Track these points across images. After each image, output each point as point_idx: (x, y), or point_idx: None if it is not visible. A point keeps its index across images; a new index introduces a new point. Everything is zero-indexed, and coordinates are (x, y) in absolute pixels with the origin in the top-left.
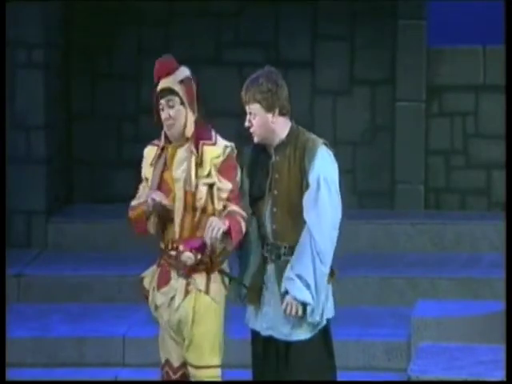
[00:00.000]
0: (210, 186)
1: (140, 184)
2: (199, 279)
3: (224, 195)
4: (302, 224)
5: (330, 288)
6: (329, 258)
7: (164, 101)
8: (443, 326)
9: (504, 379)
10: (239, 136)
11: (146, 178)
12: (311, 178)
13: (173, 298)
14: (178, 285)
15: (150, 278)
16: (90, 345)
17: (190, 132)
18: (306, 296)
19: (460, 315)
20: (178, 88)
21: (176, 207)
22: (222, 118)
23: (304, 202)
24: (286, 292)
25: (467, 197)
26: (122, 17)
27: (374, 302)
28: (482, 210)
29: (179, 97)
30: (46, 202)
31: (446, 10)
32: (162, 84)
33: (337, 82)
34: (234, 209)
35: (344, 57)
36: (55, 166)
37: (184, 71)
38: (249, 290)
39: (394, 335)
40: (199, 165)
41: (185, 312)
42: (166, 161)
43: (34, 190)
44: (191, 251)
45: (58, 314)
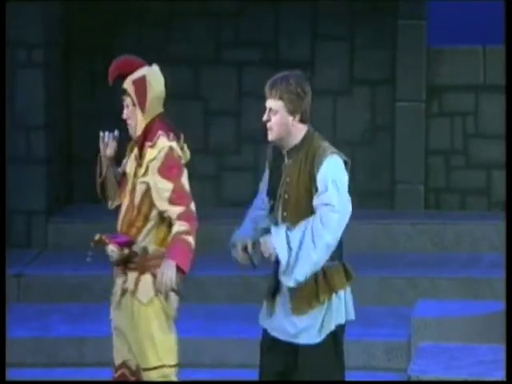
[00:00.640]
0: (148, 188)
1: None
2: (130, 278)
3: (166, 195)
4: None
5: (343, 294)
6: (322, 246)
7: (122, 101)
8: (443, 326)
9: (504, 379)
10: (238, 135)
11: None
12: (319, 182)
13: (115, 294)
14: (118, 281)
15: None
16: (90, 345)
17: (138, 132)
18: (282, 251)
19: (460, 315)
20: (131, 89)
21: (123, 201)
22: (220, 118)
23: (314, 203)
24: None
25: (467, 197)
26: (122, 17)
27: (374, 301)
28: (482, 210)
29: (131, 97)
30: (46, 201)
31: (446, 10)
32: (124, 84)
33: (337, 82)
34: (175, 230)
35: (344, 57)
36: (55, 166)
37: (141, 72)
38: (267, 290)
39: (394, 335)
40: (139, 166)
41: (124, 311)
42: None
43: (33, 189)
44: (115, 245)
45: (57, 313)
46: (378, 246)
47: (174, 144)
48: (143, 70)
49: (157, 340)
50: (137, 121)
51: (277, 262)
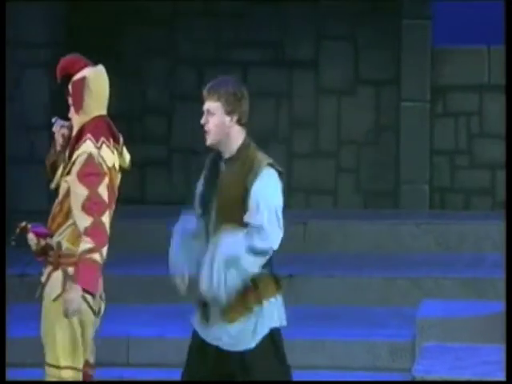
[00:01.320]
0: (69, 188)
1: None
2: (46, 271)
3: (80, 200)
4: None
5: (274, 300)
6: (275, 240)
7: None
8: (448, 326)
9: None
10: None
11: None
12: (252, 200)
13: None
14: (41, 274)
15: None
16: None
17: (73, 133)
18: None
19: (464, 315)
20: (70, 89)
21: (57, 194)
22: None
23: (246, 220)
24: None
25: (472, 197)
26: (126, 17)
27: (379, 302)
28: (487, 210)
29: (71, 96)
30: (48, 202)
31: (451, 10)
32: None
33: (341, 81)
34: (82, 249)
35: (348, 57)
36: None
37: (83, 72)
38: (198, 297)
39: (398, 335)
40: (66, 165)
41: (42, 306)
42: None
43: (35, 189)
44: (33, 234)
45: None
46: (383, 245)
47: (95, 151)
48: (85, 71)
49: (57, 338)
50: (73, 120)
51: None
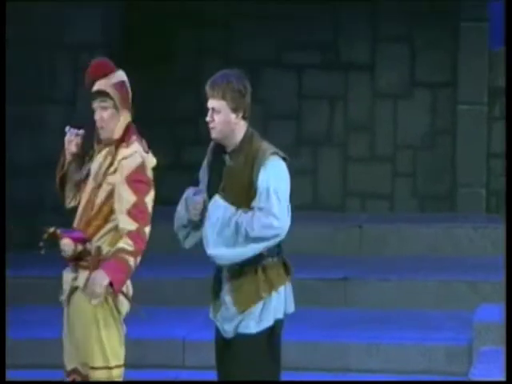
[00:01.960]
0: (113, 190)
1: None
2: (82, 275)
3: (126, 206)
4: None
5: (283, 290)
6: (281, 220)
7: (97, 103)
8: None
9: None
10: (297, 138)
11: None
12: (260, 190)
13: (63, 292)
14: (67, 278)
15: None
16: (151, 347)
17: (117, 135)
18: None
19: None
20: (113, 91)
21: (82, 198)
22: (280, 121)
23: (254, 205)
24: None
25: None
26: (183, 19)
27: (435, 305)
28: None
29: (113, 100)
30: None
31: None
32: (96, 86)
33: (397, 84)
34: (119, 246)
35: (405, 59)
36: None
37: (120, 75)
38: (211, 290)
39: (454, 339)
40: (110, 165)
41: (72, 309)
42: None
43: None
44: (69, 240)
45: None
46: (439, 249)
47: (145, 155)
48: (121, 75)
49: (104, 340)
50: (116, 124)
51: (219, 266)
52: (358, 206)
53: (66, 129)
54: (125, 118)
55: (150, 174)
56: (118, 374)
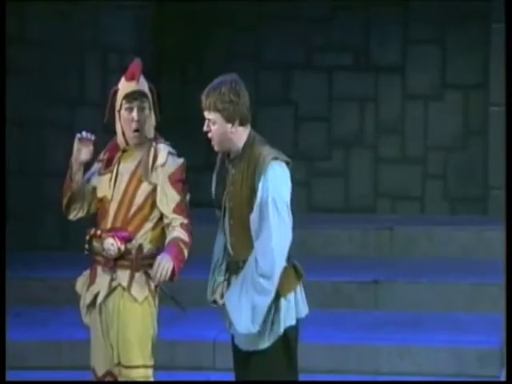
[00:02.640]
0: (154, 189)
1: None
2: (123, 275)
3: (171, 204)
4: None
5: (292, 296)
6: (275, 276)
7: (136, 103)
8: None
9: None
10: (328, 141)
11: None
12: (259, 198)
13: (97, 295)
14: (102, 280)
15: (83, 281)
16: (181, 348)
17: (150, 135)
18: (247, 328)
19: None
20: (149, 93)
21: (114, 199)
22: (311, 123)
23: (251, 221)
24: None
25: None
26: (213, 21)
27: (466, 308)
28: None
29: (149, 102)
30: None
31: None
32: (136, 86)
33: (428, 86)
34: (176, 235)
35: (435, 61)
36: None
37: (144, 79)
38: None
39: (486, 342)
40: (152, 170)
41: (110, 310)
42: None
43: None
44: (115, 239)
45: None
46: (470, 251)
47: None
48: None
49: (144, 339)
50: (150, 125)
51: (227, 270)
52: (389, 207)
53: (78, 136)
54: (156, 120)
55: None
56: (151, 374)
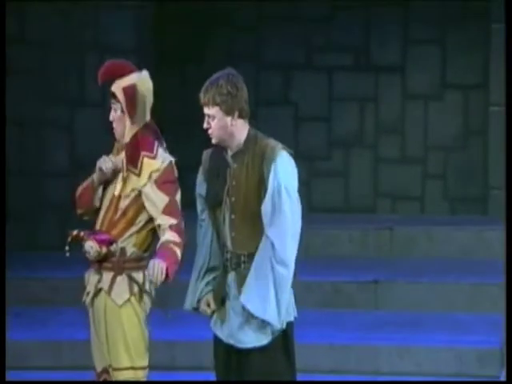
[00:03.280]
0: (140, 194)
1: None
2: (106, 278)
3: (160, 206)
4: (261, 231)
5: (291, 291)
6: (292, 264)
7: (111, 103)
8: None
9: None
10: (328, 141)
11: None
12: (271, 187)
13: (87, 294)
14: (92, 280)
15: (87, 278)
16: (181, 348)
17: (126, 140)
18: (268, 315)
19: None
20: (121, 95)
21: (104, 202)
22: (311, 123)
23: (263, 210)
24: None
25: None
26: (213, 22)
27: (466, 308)
28: None
29: (120, 104)
30: None
31: None
32: (112, 87)
33: (428, 86)
34: (165, 238)
35: (435, 61)
36: None
37: (131, 78)
38: (213, 298)
39: (486, 342)
40: (137, 175)
41: (98, 311)
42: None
43: None
44: (94, 241)
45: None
46: (470, 251)
47: (173, 159)
48: (133, 78)
49: (129, 341)
50: (124, 127)
51: (224, 271)
52: (389, 207)
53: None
54: (134, 124)
55: (176, 173)
56: (142, 375)
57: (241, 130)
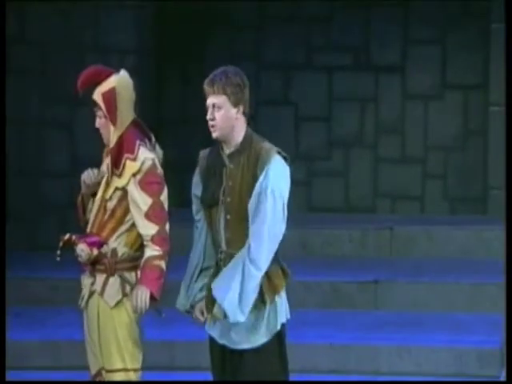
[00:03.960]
0: (125, 194)
1: None
2: (98, 280)
3: (143, 208)
4: None
5: (284, 293)
6: (263, 265)
7: (94, 111)
8: None
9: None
10: (328, 140)
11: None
12: (258, 187)
13: (83, 297)
14: (86, 283)
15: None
16: (181, 348)
17: (111, 144)
18: (227, 303)
19: None
20: (100, 101)
21: (94, 205)
22: (311, 123)
23: (249, 209)
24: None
25: None
26: (212, 22)
27: (466, 308)
28: None
29: (102, 110)
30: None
31: None
32: (93, 95)
33: (428, 86)
34: (147, 255)
35: (436, 61)
36: None
37: (109, 82)
38: (206, 297)
39: (486, 342)
40: (117, 176)
41: (91, 313)
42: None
43: None
44: (84, 244)
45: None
46: (470, 251)
47: (156, 158)
48: (112, 81)
49: (122, 343)
50: (109, 133)
51: (217, 270)
52: (389, 207)
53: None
54: (117, 128)
55: (161, 172)
56: (135, 377)
57: (241, 126)
